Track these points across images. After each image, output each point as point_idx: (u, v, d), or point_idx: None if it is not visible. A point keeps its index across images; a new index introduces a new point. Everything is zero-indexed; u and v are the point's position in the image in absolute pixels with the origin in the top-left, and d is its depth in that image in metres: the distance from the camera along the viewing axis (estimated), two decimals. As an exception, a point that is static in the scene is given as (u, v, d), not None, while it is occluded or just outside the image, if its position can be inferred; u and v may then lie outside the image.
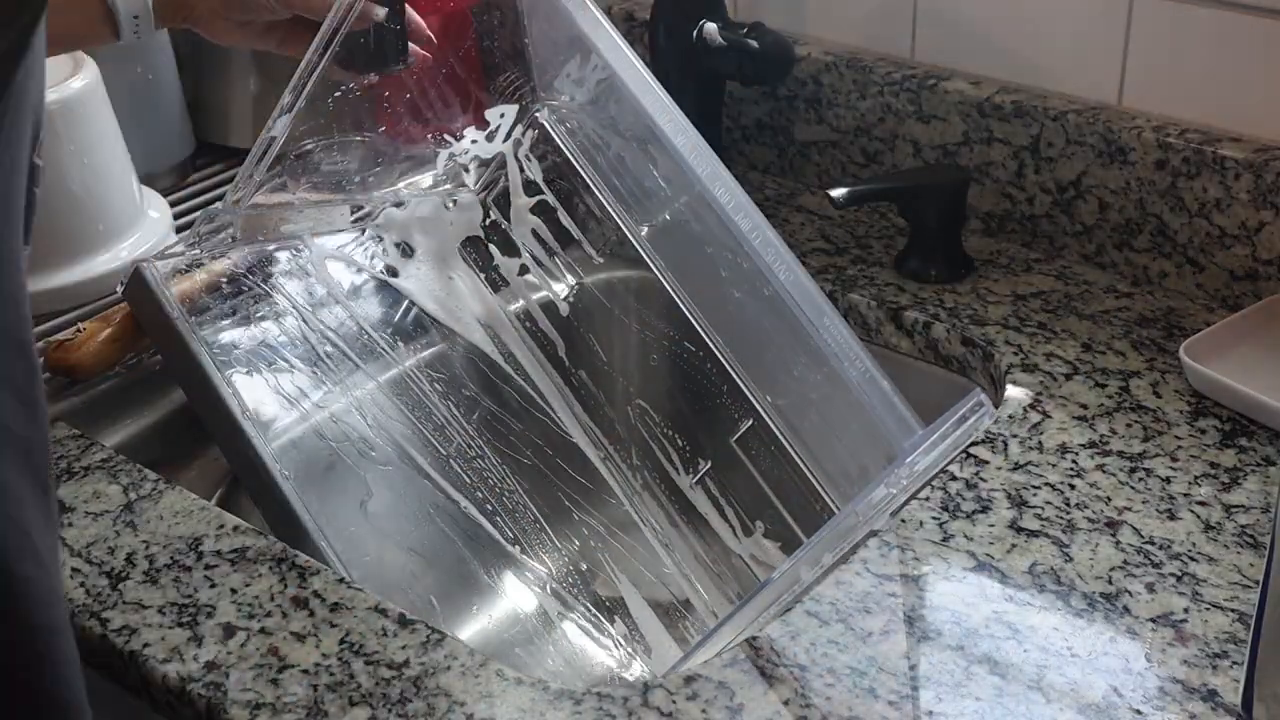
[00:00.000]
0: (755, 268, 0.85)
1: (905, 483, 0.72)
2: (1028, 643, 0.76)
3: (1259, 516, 0.84)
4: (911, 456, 0.72)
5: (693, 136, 0.86)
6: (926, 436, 0.72)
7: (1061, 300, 1.06)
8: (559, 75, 1.00)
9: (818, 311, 0.83)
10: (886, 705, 0.73)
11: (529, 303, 1.09)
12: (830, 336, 0.83)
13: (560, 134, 1.00)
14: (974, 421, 0.72)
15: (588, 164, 0.98)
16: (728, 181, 0.86)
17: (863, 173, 1.22)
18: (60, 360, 1.02)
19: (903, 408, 0.81)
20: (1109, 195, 1.08)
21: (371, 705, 0.73)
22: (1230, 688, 0.73)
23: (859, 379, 0.82)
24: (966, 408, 0.72)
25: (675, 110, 0.87)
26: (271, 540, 0.86)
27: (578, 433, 1.06)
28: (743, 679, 0.75)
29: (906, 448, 0.73)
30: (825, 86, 1.21)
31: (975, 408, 0.72)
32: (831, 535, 0.72)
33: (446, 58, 0.99)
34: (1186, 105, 1.06)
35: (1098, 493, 0.87)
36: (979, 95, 1.13)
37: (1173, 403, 0.95)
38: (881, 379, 0.82)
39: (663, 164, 0.90)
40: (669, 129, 0.87)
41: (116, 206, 1.13)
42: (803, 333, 0.84)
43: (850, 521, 0.72)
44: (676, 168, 0.87)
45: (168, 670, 0.77)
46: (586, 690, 0.74)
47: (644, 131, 0.89)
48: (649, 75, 0.87)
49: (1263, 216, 1.02)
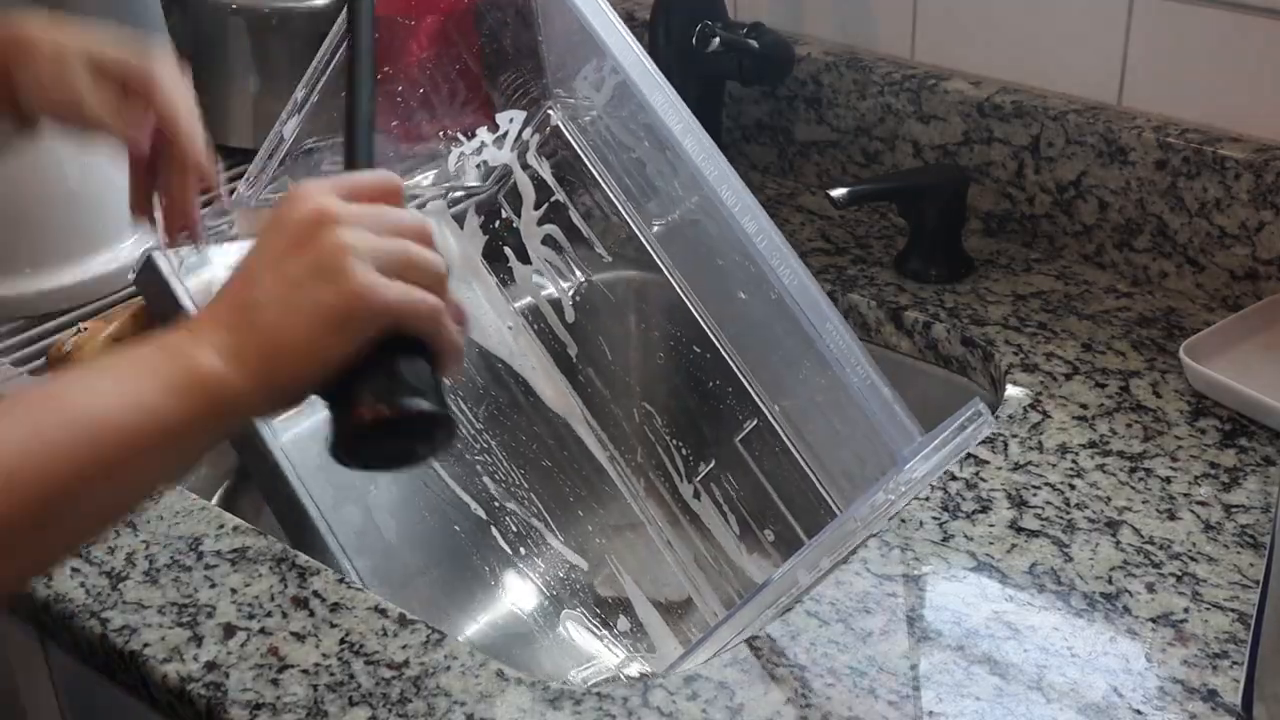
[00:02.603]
0: (760, 271, 0.85)
1: (904, 489, 0.72)
2: (1028, 643, 0.76)
3: (1259, 516, 0.84)
4: (910, 463, 0.72)
5: (702, 139, 0.86)
6: (925, 444, 0.72)
7: (1061, 300, 1.07)
8: (576, 75, 1.00)
9: (820, 316, 0.83)
10: (886, 705, 0.73)
11: (538, 299, 1.09)
12: (832, 341, 0.83)
13: (572, 131, 0.99)
14: (973, 430, 0.72)
15: (599, 161, 0.98)
16: (735, 184, 0.87)
17: (863, 173, 1.22)
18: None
19: (903, 414, 0.82)
20: (1109, 195, 1.08)
21: (371, 705, 0.73)
22: (1230, 688, 0.73)
23: (860, 384, 0.82)
24: (965, 415, 0.72)
25: (685, 111, 0.87)
26: (271, 540, 0.86)
27: (584, 430, 1.06)
28: (743, 679, 0.75)
29: (905, 454, 0.73)
30: (825, 86, 1.21)
31: (974, 416, 0.72)
32: (830, 540, 0.73)
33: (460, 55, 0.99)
34: (1186, 105, 1.06)
35: (1098, 493, 0.87)
36: (979, 95, 1.13)
37: (1173, 403, 0.95)
38: (882, 385, 0.82)
39: (673, 165, 0.90)
40: (678, 130, 0.87)
41: (116, 206, 1.13)
42: (805, 337, 0.84)
43: (849, 526, 0.72)
44: (685, 169, 0.88)
45: (168, 670, 0.77)
46: (586, 690, 0.74)
47: (655, 132, 0.89)
48: (659, 76, 0.87)
49: (1263, 216, 1.02)
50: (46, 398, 0.59)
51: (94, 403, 0.58)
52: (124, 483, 0.60)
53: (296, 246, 0.61)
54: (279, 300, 0.60)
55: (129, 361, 0.60)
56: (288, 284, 0.61)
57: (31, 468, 0.56)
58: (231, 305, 0.62)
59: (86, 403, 0.58)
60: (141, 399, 0.58)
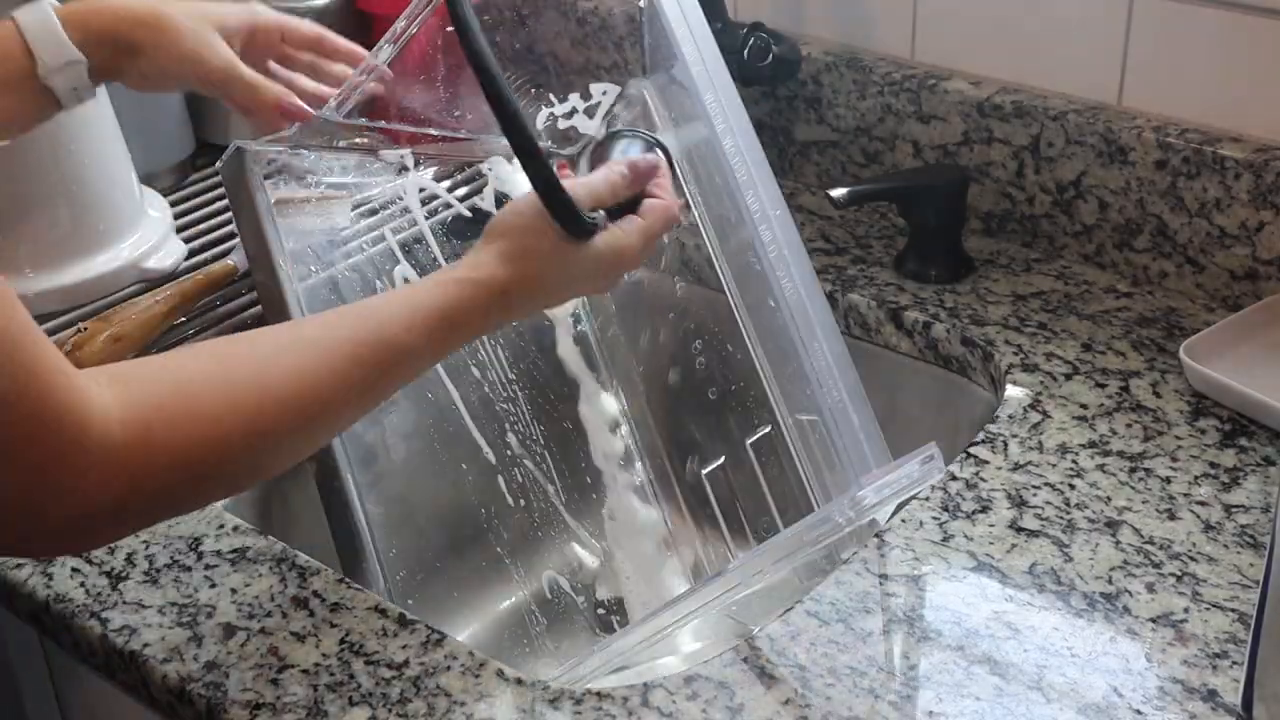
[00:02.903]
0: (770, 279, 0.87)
1: (851, 514, 0.74)
2: (1028, 643, 0.76)
3: (1259, 516, 0.84)
4: (860, 492, 0.74)
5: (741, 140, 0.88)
6: (876, 479, 0.74)
7: (1061, 300, 1.06)
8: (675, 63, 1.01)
9: (810, 334, 0.84)
10: (886, 705, 0.73)
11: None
12: (816, 360, 0.84)
13: (661, 115, 0.99)
14: (924, 472, 0.74)
15: (675, 149, 0.98)
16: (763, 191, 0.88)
17: (863, 173, 1.22)
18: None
19: (866, 442, 0.83)
20: (1109, 195, 1.08)
21: (371, 705, 0.73)
22: (1230, 688, 0.73)
23: (831, 407, 0.84)
24: (918, 459, 0.74)
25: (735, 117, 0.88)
26: (271, 540, 0.86)
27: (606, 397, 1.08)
28: (743, 679, 0.75)
29: (855, 486, 0.75)
30: (825, 86, 1.21)
31: (927, 460, 0.74)
32: (766, 555, 0.75)
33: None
34: (1186, 105, 1.06)
35: (1098, 493, 0.87)
36: (979, 95, 1.13)
37: (1173, 403, 0.95)
38: (855, 410, 0.83)
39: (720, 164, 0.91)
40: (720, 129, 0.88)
41: (116, 206, 1.13)
42: (795, 352, 0.86)
43: (790, 546, 0.74)
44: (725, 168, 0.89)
45: (168, 670, 0.77)
46: (586, 690, 0.74)
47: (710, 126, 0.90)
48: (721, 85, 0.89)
49: (1263, 216, 1.02)
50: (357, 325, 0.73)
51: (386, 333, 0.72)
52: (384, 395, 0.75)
53: (601, 281, 0.83)
54: (555, 298, 0.83)
55: (408, 297, 0.75)
56: (572, 294, 0.87)
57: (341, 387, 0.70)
58: (521, 284, 0.77)
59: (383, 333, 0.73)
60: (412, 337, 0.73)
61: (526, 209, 0.79)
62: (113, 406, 0.61)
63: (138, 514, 0.64)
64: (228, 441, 0.65)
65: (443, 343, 0.75)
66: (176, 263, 1.16)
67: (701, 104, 0.89)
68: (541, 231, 0.78)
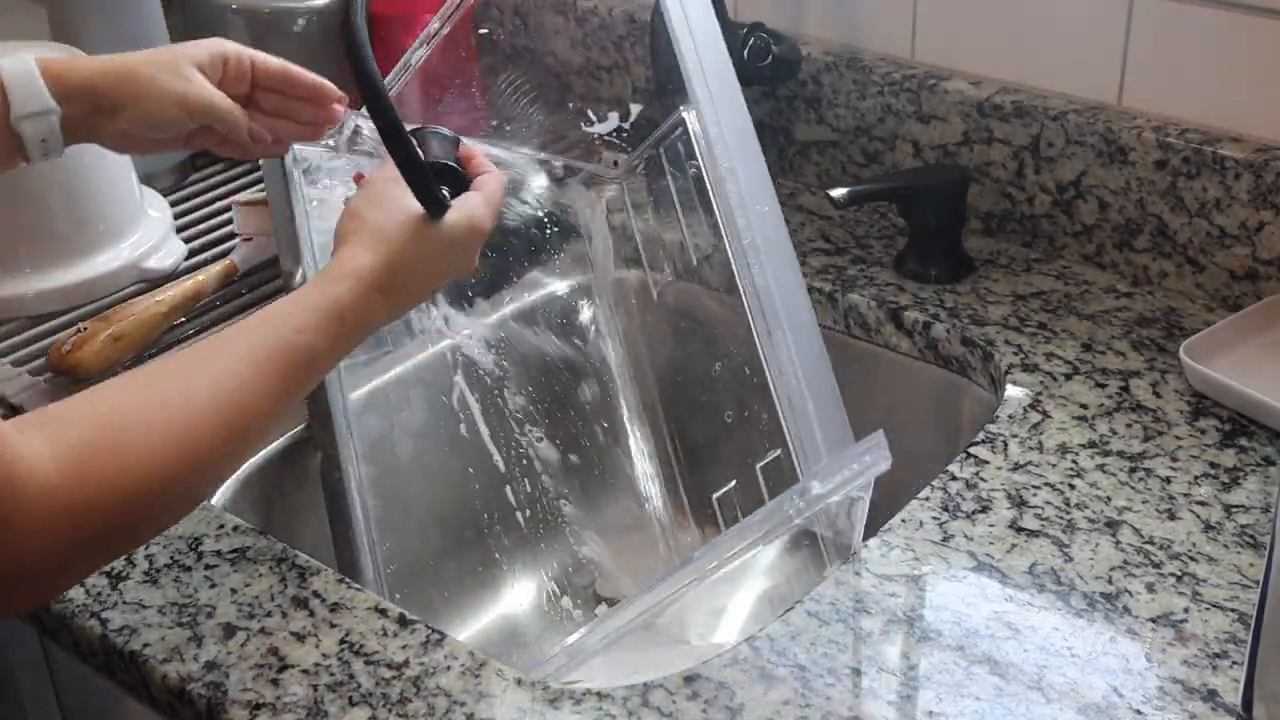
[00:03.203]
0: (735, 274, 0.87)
1: (801, 504, 0.74)
2: (1028, 643, 0.76)
3: (1259, 516, 0.84)
4: (809, 483, 0.75)
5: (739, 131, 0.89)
6: (825, 470, 0.76)
7: (1061, 300, 1.06)
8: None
9: (775, 321, 0.84)
10: (886, 705, 0.73)
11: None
12: (780, 349, 0.84)
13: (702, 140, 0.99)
14: (871, 460, 0.75)
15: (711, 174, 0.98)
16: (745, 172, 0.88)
17: (863, 173, 1.22)
18: (61, 360, 1.02)
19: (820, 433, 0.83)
20: (1109, 195, 1.08)
21: (371, 705, 0.73)
22: (1230, 688, 0.73)
23: (785, 395, 0.83)
24: (865, 449, 0.75)
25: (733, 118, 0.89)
26: (272, 540, 0.86)
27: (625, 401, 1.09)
28: (743, 679, 0.75)
29: (805, 476, 0.76)
30: (825, 86, 1.21)
31: (873, 448, 0.75)
32: (720, 547, 0.76)
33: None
34: (1186, 105, 1.06)
35: (1098, 493, 0.87)
36: (979, 95, 1.13)
37: (1173, 403, 0.95)
38: (809, 399, 0.83)
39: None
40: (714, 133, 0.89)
41: (116, 206, 1.14)
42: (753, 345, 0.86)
43: (744, 537, 0.75)
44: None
45: (168, 670, 0.77)
46: (586, 690, 0.74)
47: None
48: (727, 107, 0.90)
49: (1263, 216, 1.02)
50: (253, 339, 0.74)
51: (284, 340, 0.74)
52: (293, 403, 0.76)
53: (466, 260, 0.85)
54: (430, 283, 0.84)
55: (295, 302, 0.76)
56: (445, 277, 0.85)
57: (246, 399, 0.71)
58: (389, 270, 0.79)
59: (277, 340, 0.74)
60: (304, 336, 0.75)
61: (368, 197, 0.82)
62: (44, 453, 0.61)
63: (89, 552, 0.65)
64: (164, 465, 0.66)
65: (339, 339, 0.76)
66: (176, 263, 1.16)
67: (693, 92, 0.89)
68: (389, 212, 0.81)
